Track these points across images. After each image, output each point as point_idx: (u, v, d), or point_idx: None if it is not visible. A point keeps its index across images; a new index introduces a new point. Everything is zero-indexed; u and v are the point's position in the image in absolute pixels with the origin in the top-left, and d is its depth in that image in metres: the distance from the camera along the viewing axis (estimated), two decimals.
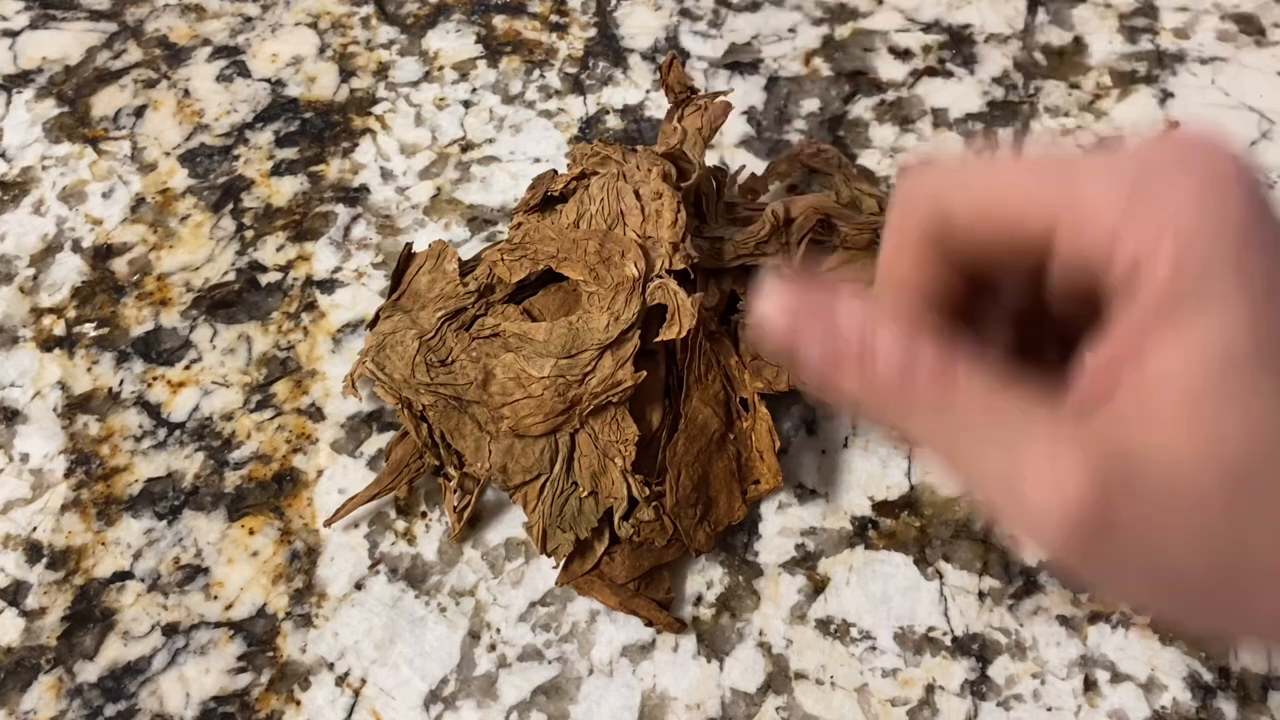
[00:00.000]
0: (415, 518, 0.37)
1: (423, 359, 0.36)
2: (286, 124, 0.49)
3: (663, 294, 0.35)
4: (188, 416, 0.40)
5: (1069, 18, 0.51)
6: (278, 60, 0.51)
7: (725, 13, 0.52)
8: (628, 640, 0.34)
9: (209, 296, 0.43)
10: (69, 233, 0.45)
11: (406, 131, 0.48)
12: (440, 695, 0.33)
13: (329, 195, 0.46)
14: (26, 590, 0.36)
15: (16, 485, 0.38)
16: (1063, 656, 0.34)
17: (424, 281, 0.39)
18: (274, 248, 0.44)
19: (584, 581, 0.35)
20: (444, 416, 0.36)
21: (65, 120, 0.49)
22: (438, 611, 0.35)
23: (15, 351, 0.42)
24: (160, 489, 0.38)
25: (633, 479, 0.34)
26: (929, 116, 0.47)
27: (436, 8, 0.53)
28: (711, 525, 0.35)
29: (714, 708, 0.33)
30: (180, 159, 0.48)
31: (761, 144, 0.47)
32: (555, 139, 0.47)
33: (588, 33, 0.52)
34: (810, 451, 0.38)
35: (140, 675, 0.34)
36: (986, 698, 0.33)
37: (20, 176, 0.47)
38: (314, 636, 0.35)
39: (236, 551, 0.37)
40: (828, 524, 0.36)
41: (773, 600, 0.35)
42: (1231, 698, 0.33)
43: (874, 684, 0.33)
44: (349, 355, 0.41)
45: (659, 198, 0.36)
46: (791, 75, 0.49)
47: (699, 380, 0.36)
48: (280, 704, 0.34)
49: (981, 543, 0.36)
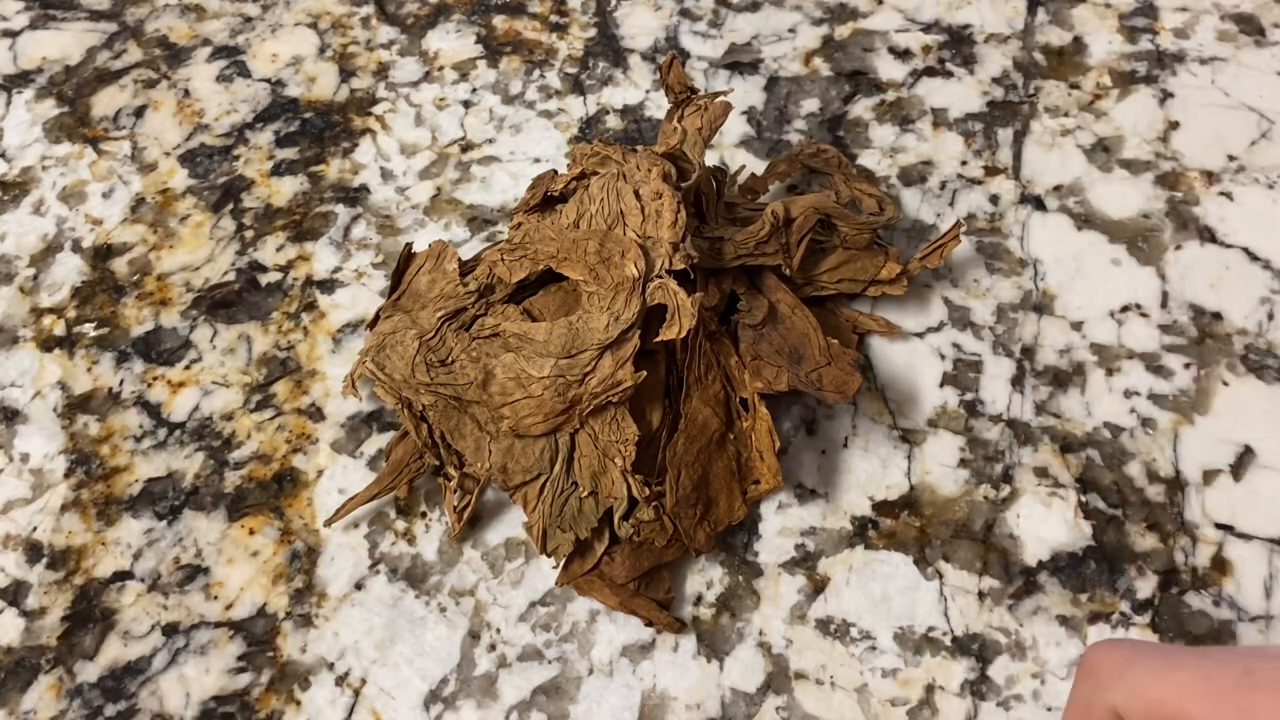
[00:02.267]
0: (415, 518, 0.37)
1: (423, 359, 0.36)
2: (286, 124, 0.49)
3: (663, 294, 0.35)
4: (188, 416, 0.40)
5: (1069, 18, 0.51)
6: (278, 60, 0.51)
7: (725, 13, 0.52)
8: (628, 640, 0.34)
9: (209, 296, 0.43)
10: (69, 233, 0.45)
11: (406, 131, 0.48)
12: (440, 695, 0.34)
13: (329, 195, 0.46)
14: (26, 590, 0.36)
15: (16, 485, 0.38)
16: (1063, 656, 0.34)
17: (424, 281, 0.39)
18: (274, 248, 0.44)
19: (584, 581, 0.35)
20: (444, 416, 0.36)
21: (65, 120, 0.49)
22: (438, 611, 0.35)
23: (15, 351, 0.42)
24: (160, 489, 0.38)
25: (633, 479, 0.34)
26: (929, 116, 0.47)
27: (436, 8, 0.53)
28: (711, 525, 0.35)
29: (714, 708, 0.33)
30: (180, 159, 0.48)
31: (761, 144, 0.47)
32: (555, 139, 0.47)
33: (588, 33, 0.52)
34: (810, 451, 0.38)
35: (140, 675, 0.34)
36: (986, 698, 0.33)
37: (20, 176, 0.47)
38: (314, 636, 0.35)
39: (236, 551, 0.37)
40: (828, 524, 0.36)
41: (773, 600, 0.35)
42: None
43: (874, 684, 0.33)
44: (349, 355, 0.41)
45: (659, 198, 0.36)
46: (791, 75, 0.49)
47: (699, 380, 0.36)
48: (280, 704, 0.34)
49: (981, 543, 0.36)
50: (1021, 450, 0.38)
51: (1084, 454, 0.37)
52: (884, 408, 0.39)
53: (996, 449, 0.38)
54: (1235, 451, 0.37)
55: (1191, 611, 0.34)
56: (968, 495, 0.37)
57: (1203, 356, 0.39)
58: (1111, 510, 0.36)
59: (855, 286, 0.40)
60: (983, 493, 0.37)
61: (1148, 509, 0.36)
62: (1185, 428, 0.38)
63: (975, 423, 0.38)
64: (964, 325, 0.41)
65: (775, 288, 0.39)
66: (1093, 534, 0.36)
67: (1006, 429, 0.38)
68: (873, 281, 0.40)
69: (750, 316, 0.38)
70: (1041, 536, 0.36)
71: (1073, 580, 0.35)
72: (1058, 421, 0.38)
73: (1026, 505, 0.36)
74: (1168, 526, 0.36)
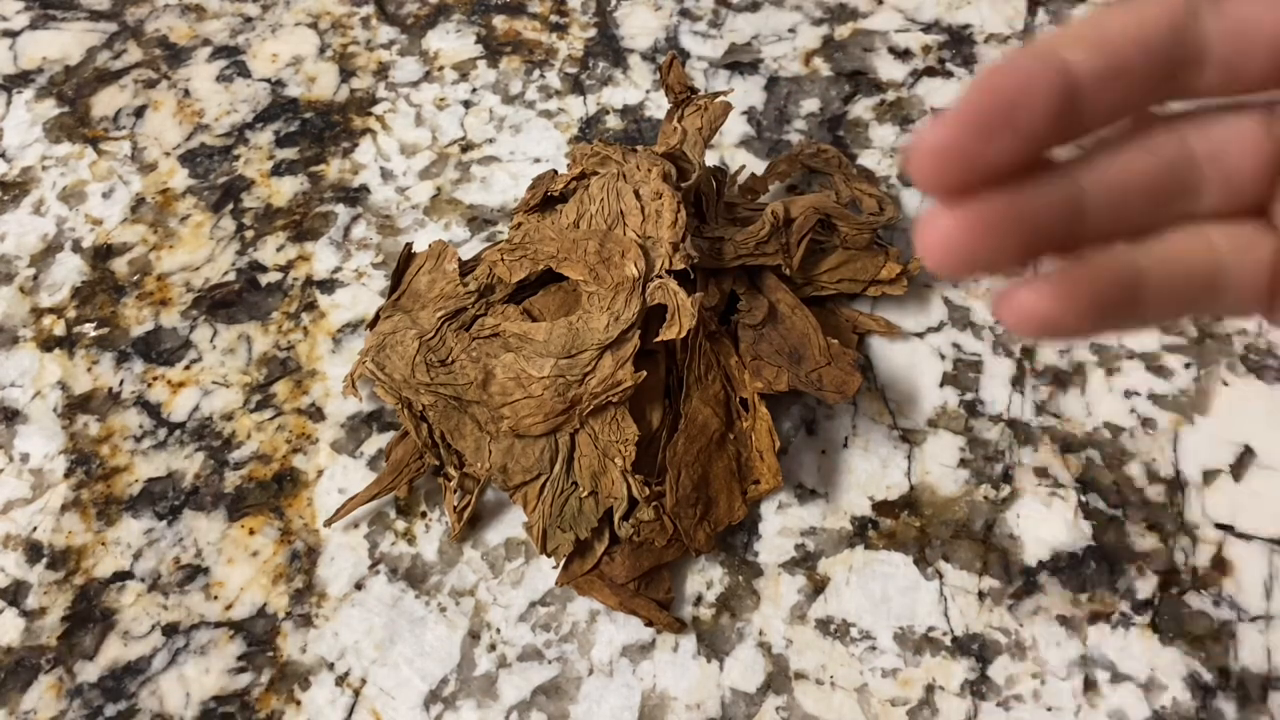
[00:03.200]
0: (415, 518, 0.37)
1: (423, 359, 0.36)
2: (286, 124, 0.49)
3: (663, 294, 0.35)
4: (188, 416, 0.40)
5: (1069, 18, 0.51)
6: (278, 60, 0.51)
7: (725, 13, 0.52)
8: (628, 640, 0.34)
9: (209, 296, 0.43)
10: (69, 233, 0.45)
11: (406, 131, 0.48)
12: (440, 695, 0.33)
13: (329, 195, 0.46)
14: (26, 590, 0.36)
15: (16, 485, 0.38)
16: (1063, 656, 0.34)
17: (424, 281, 0.39)
18: (274, 248, 0.44)
19: (584, 581, 0.35)
20: (444, 416, 0.36)
21: (65, 120, 0.49)
22: (438, 611, 0.35)
23: (15, 351, 0.42)
24: (160, 489, 0.38)
25: (633, 479, 0.34)
26: (929, 116, 0.47)
27: (436, 8, 0.53)
28: (711, 525, 0.35)
29: (714, 708, 0.33)
30: (180, 159, 0.48)
31: (761, 144, 0.47)
32: (555, 139, 0.47)
33: (588, 33, 0.52)
34: (810, 451, 0.38)
35: (140, 675, 0.34)
36: (986, 698, 0.33)
37: (20, 176, 0.47)
38: (314, 636, 0.35)
39: (236, 551, 0.37)
40: (828, 524, 0.36)
41: (773, 600, 0.35)
42: (1231, 698, 0.33)
43: (874, 684, 0.33)
44: (349, 355, 0.41)
45: (659, 198, 0.36)
46: (791, 75, 0.49)
47: (699, 380, 0.36)
48: (280, 704, 0.34)
49: (981, 543, 0.36)
50: (1021, 450, 0.38)
51: (1084, 454, 0.37)
52: (884, 408, 0.39)
53: (996, 449, 0.38)
54: (1235, 451, 0.37)
55: (1191, 611, 0.34)
56: (968, 495, 0.37)
57: (1203, 356, 0.39)
58: (1111, 510, 0.36)
59: (855, 286, 0.40)
60: (983, 493, 0.37)
61: (1148, 509, 0.36)
62: (1185, 428, 0.38)
63: (975, 423, 0.38)
64: (964, 325, 0.41)
65: (775, 288, 0.39)
66: (1093, 534, 0.36)
67: (1006, 429, 0.38)
68: (873, 281, 0.40)
69: (750, 316, 0.38)
70: (1041, 536, 0.36)
71: (1073, 580, 0.35)
72: (1058, 421, 0.38)
73: (1026, 505, 0.36)
74: (1168, 526, 0.36)
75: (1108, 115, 0.20)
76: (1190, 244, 0.21)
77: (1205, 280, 0.21)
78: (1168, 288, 0.21)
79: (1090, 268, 0.20)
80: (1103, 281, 0.20)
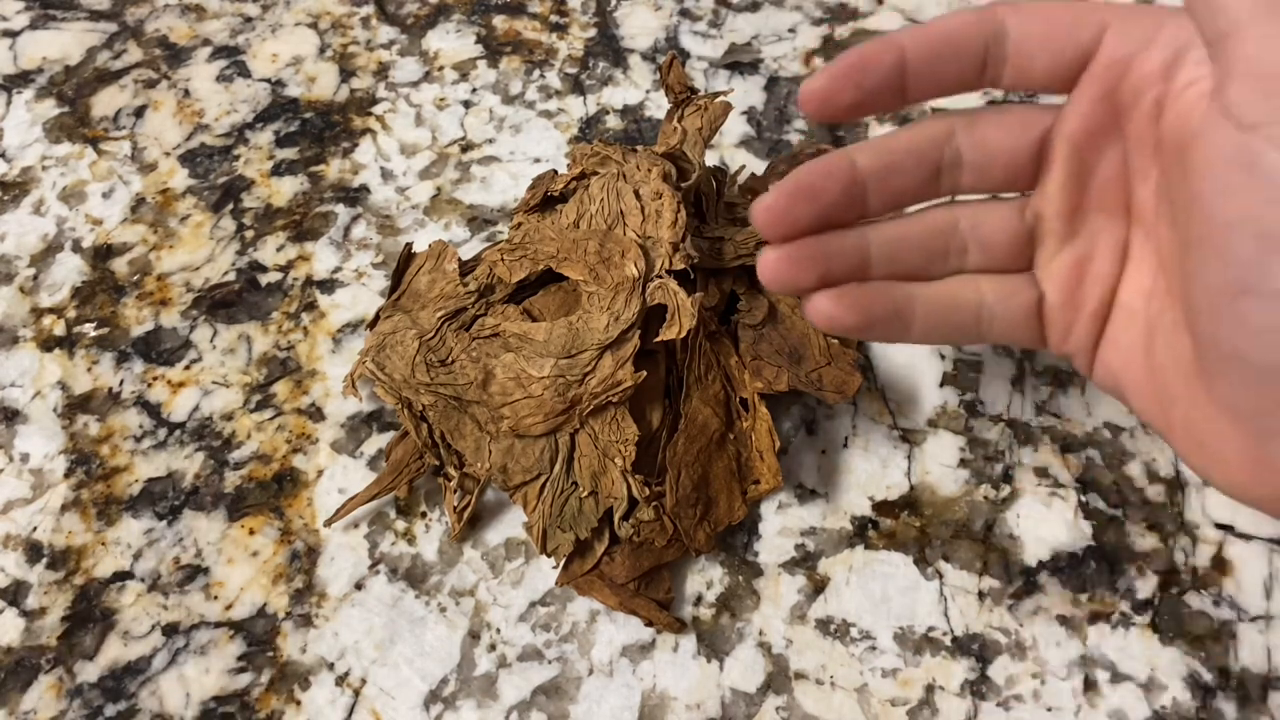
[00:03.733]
0: (415, 518, 0.37)
1: (423, 359, 0.36)
2: (286, 124, 0.49)
3: (663, 294, 0.35)
4: (188, 416, 0.40)
5: None
6: (278, 60, 0.51)
7: (725, 13, 0.52)
8: (628, 640, 0.34)
9: (209, 296, 0.43)
10: (69, 233, 0.45)
11: (406, 131, 0.48)
12: (440, 695, 0.34)
13: (329, 195, 0.46)
14: (26, 590, 0.36)
15: (16, 485, 0.38)
16: (1063, 656, 0.34)
17: (424, 281, 0.39)
18: (274, 248, 0.44)
19: (584, 581, 0.35)
20: (444, 416, 0.36)
21: (65, 120, 0.49)
22: (438, 611, 0.35)
23: (15, 351, 0.42)
24: (160, 489, 0.38)
25: (633, 479, 0.34)
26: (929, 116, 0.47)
27: (436, 8, 0.53)
28: (711, 525, 0.35)
29: (714, 708, 0.33)
30: (180, 159, 0.48)
31: (761, 144, 0.47)
32: (555, 139, 0.47)
33: (588, 33, 0.52)
34: (810, 451, 0.38)
35: (140, 675, 0.34)
36: (986, 698, 0.33)
37: (20, 176, 0.47)
38: (314, 636, 0.35)
39: (236, 551, 0.37)
40: (828, 524, 0.36)
41: (773, 600, 0.35)
42: (1231, 698, 0.33)
43: (874, 684, 0.33)
44: (349, 355, 0.41)
45: (659, 198, 0.36)
46: (791, 75, 0.49)
47: (699, 380, 0.36)
48: (280, 704, 0.34)
49: (981, 543, 0.36)
50: (1021, 450, 0.38)
51: (1084, 454, 0.37)
52: (884, 408, 0.39)
53: (996, 449, 0.38)
54: None
55: (1191, 611, 0.34)
56: (968, 495, 0.37)
57: None
58: (1111, 510, 0.36)
59: None
60: (983, 493, 0.37)
61: (1148, 509, 0.36)
62: None
63: (975, 423, 0.38)
64: None
65: None
66: (1093, 534, 0.36)
67: (1006, 429, 0.38)
68: None
69: (750, 316, 0.38)
70: (1041, 536, 0.36)
71: (1073, 580, 0.35)
72: (1058, 421, 0.38)
73: (1026, 505, 0.36)
74: (1168, 526, 0.36)
75: (893, 199, 0.28)
76: (960, 287, 0.29)
77: (970, 314, 0.29)
78: (935, 315, 0.29)
79: (867, 290, 0.28)
80: (875, 301, 0.28)
